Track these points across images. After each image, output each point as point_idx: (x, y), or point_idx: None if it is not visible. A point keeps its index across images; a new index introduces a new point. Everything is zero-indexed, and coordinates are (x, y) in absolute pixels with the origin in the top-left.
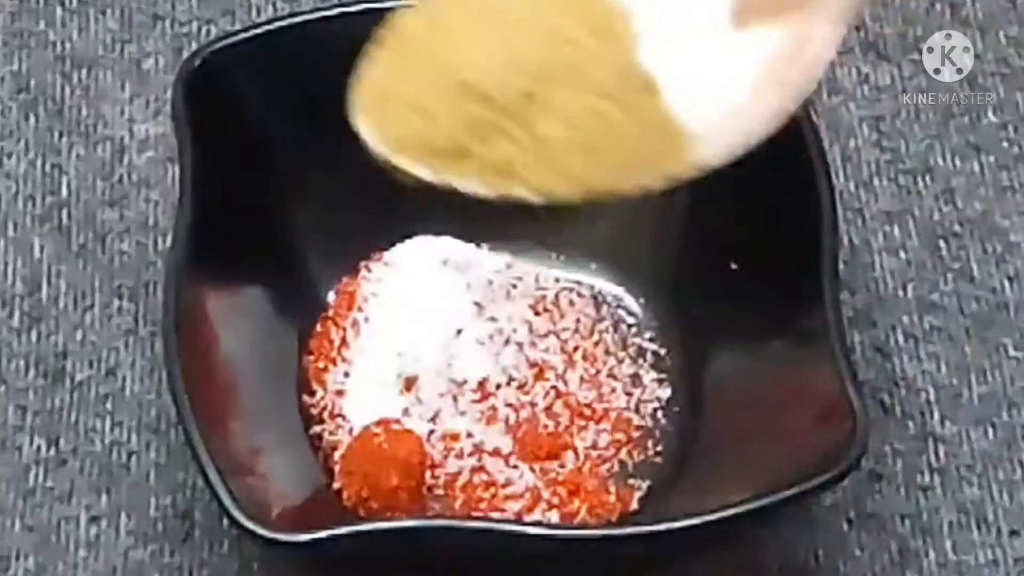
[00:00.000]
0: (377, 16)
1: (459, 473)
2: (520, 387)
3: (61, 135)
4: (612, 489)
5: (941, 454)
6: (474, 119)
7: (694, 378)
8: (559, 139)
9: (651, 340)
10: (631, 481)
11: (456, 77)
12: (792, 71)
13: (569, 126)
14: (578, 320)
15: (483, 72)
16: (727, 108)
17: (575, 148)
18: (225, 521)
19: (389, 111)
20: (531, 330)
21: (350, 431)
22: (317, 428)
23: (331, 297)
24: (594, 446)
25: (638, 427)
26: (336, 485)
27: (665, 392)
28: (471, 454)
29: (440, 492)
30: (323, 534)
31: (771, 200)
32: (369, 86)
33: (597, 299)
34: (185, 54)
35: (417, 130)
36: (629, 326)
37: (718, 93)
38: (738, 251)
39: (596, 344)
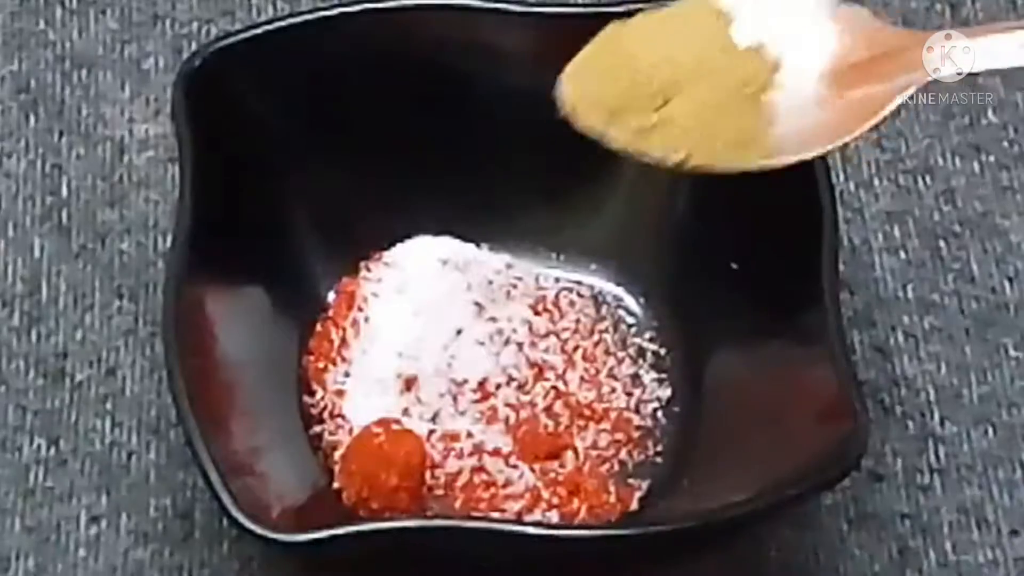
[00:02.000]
0: (377, 16)
1: (459, 473)
2: (520, 387)
3: (61, 135)
4: (612, 489)
5: (941, 454)
6: (633, 92)
7: (694, 378)
8: (682, 118)
9: (651, 340)
10: (631, 481)
11: (631, 61)
12: (864, 113)
13: (692, 111)
14: (578, 320)
15: (649, 61)
16: (806, 126)
17: (691, 128)
18: (225, 521)
19: (581, 78)
20: (531, 330)
21: (350, 431)
22: (317, 428)
23: (331, 297)
24: (594, 446)
25: (638, 427)
26: (336, 485)
27: (665, 392)
28: (471, 454)
29: (440, 492)
30: (323, 534)
31: (771, 200)
32: (575, 61)
33: (597, 299)
34: (185, 54)
35: (594, 92)
36: (629, 326)
37: (804, 115)
38: (738, 251)
39: (596, 344)
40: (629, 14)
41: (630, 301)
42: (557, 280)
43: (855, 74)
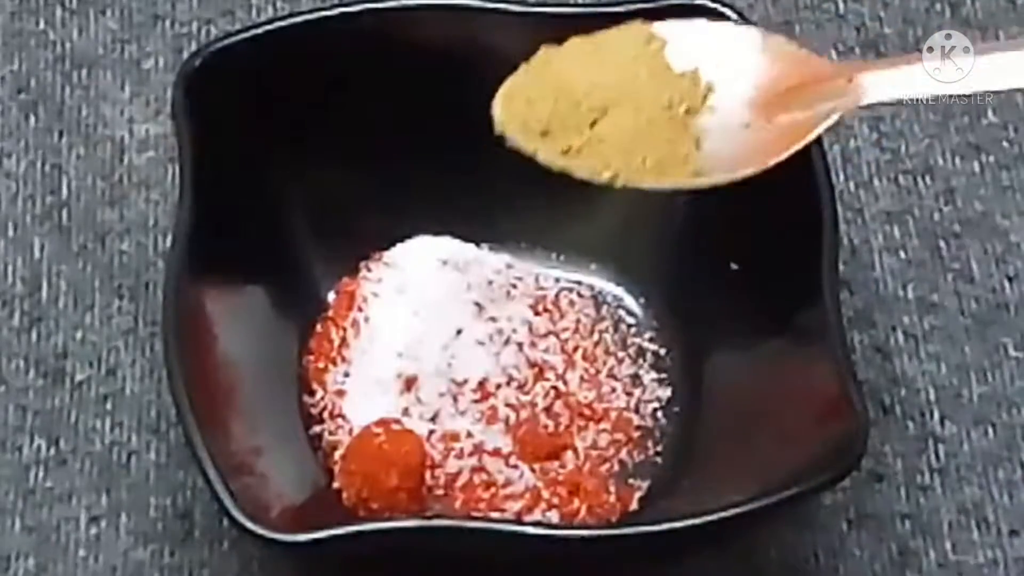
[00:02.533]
0: (377, 16)
1: (459, 473)
2: (520, 387)
3: (61, 135)
4: (612, 489)
5: (941, 454)
6: (561, 113)
7: (694, 378)
8: (609, 139)
9: (651, 340)
10: (631, 481)
11: (560, 84)
12: (791, 138)
13: (619, 132)
14: (578, 320)
15: (577, 83)
16: (735, 149)
17: (618, 148)
18: (225, 521)
19: (513, 102)
20: (531, 330)
21: (350, 431)
22: (317, 428)
23: (331, 297)
24: (594, 446)
25: (638, 427)
26: (336, 485)
27: (665, 392)
28: (471, 454)
29: (440, 492)
30: (323, 534)
31: (771, 200)
32: (507, 84)
33: (597, 299)
34: (185, 54)
35: (523, 113)
36: (629, 326)
37: (732, 138)
38: (738, 251)
39: (596, 344)
40: (629, 14)
41: (630, 301)
42: (557, 280)
43: (782, 100)
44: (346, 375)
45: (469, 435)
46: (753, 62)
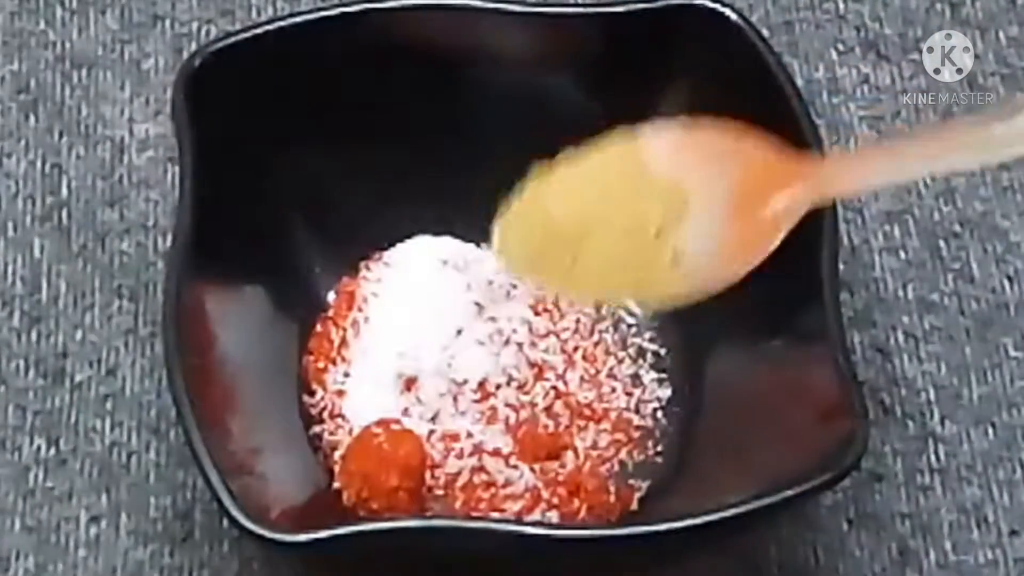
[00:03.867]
0: (377, 16)
1: (459, 473)
2: (520, 387)
3: (61, 135)
4: (612, 489)
5: (941, 454)
6: (547, 248)
7: (694, 378)
8: (593, 266)
9: (651, 340)
10: (631, 481)
11: (545, 220)
12: (760, 244)
13: (597, 260)
14: (578, 320)
15: (561, 218)
16: (712, 259)
17: (599, 277)
18: (225, 521)
19: (507, 235)
20: (531, 330)
21: (350, 431)
22: (317, 428)
23: (331, 297)
24: (594, 446)
25: (638, 427)
26: (336, 485)
27: (665, 392)
28: (471, 454)
29: (440, 492)
30: (323, 534)
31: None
32: (502, 219)
33: None
34: (185, 54)
35: (515, 244)
36: (629, 326)
37: (709, 249)
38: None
39: (596, 344)
40: (629, 14)
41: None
42: None
43: (753, 201)
44: (346, 375)
45: (469, 435)
46: (728, 165)
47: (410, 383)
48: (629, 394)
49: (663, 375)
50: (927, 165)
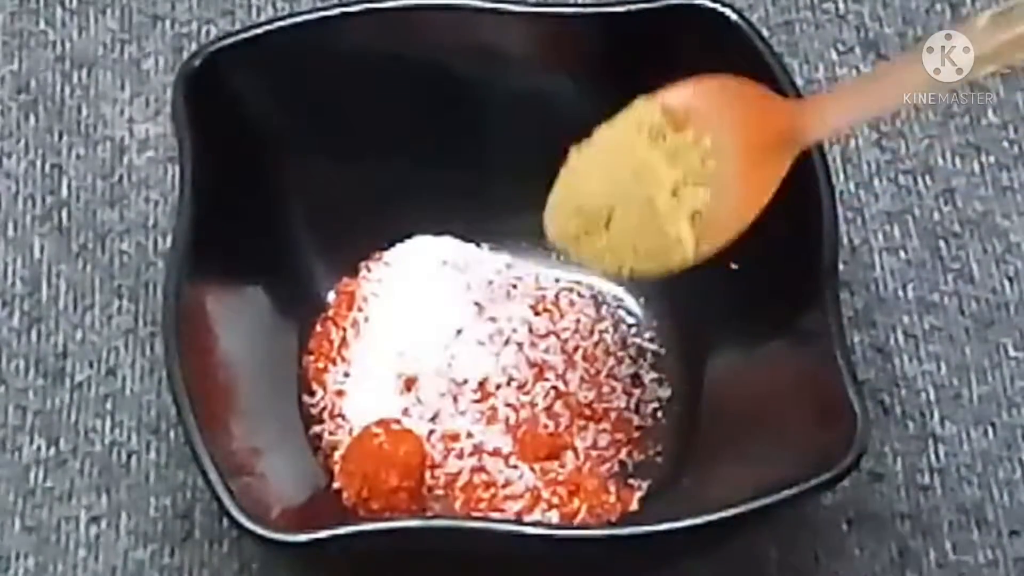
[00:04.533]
0: (378, 16)
1: (459, 473)
2: (520, 387)
3: (61, 135)
4: (612, 489)
5: (941, 454)
6: (581, 223)
7: (694, 378)
8: (617, 238)
9: (651, 340)
10: (631, 481)
11: (575, 197)
12: (765, 186)
13: (623, 234)
14: (578, 320)
15: (588, 195)
16: (727, 210)
17: (624, 247)
18: (225, 521)
19: (553, 216)
20: (531, 330)
21: (350, 431)
22: (317, 428)
23: (331, 297)
24: (594, 446)
25: (638, 427)
26: (336, 485)
27: (665, 392)
28: (471, 454)
29: (440, 492)
30: (323, 534)
31: (771, 200)
32: (549, 202)
33: (597, 299)
34: (185, 54)
35: (560, 226)
36: (629, 326)
37: (719, 208)
38: (738, 251)
39: (596, 344)
40: (629, 14)
41: (630, 301)
42: (557, 280)
43: (757, 143)
44: (346, 375)
45: (469, 435)
46: (733, 113)
47: (410, 383)
48: (629, 394)
49: (663, 375)
50: (902, 93)
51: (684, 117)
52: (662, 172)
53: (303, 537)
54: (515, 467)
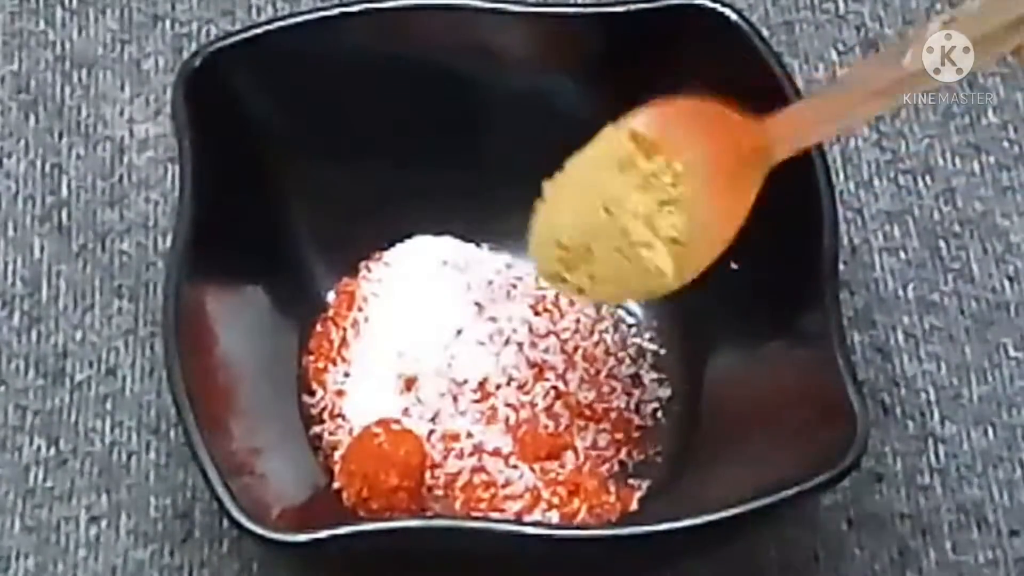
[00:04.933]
0: (377, 16)
1: (459, 473)
2: (520, 387)
3: (61, 135)
4: (612, 489)
5: (941, 454)
6: (562, 256)
7: (694, 378)
8: (599, 274)
9: (651, 340)
10: (631, 481)
11: (553, 231)
12: (740, 203)
13: (604, 267)
14: (578, 320)
15: (562, 229)
16: (702, 241)
17: (607, 279)
18: (225, 521)
19: (537, 252)
20: (531, 330)
21: (350, 431)
22: (317, 428)
23: (331, 297)
24: (594, 446)
25: (638, 427)
26: (336, 485)
27: (665, 392)
28: (471, 454)
29: (440, 492)
30: (323, 534)
31: (771, 200)
32: (530, 248)
33: None
34: (185, 54)
35: (544, 261)
36: (629, 326)
37: (698, 230)
38: (738, 251)
39: (596, 344)
40: (629, 14)
41: (630, 301)
42: None
43: (729, 161)
44: (346, 375)
45: (469, 435)
46: (703, 132)
47: (410, 383)
48: (629, 394)
49: (663, 375)
50: (874, 106)
51: (654, 142)
52: (633, 202)
53: (303, 537)
54: (515, 467)
